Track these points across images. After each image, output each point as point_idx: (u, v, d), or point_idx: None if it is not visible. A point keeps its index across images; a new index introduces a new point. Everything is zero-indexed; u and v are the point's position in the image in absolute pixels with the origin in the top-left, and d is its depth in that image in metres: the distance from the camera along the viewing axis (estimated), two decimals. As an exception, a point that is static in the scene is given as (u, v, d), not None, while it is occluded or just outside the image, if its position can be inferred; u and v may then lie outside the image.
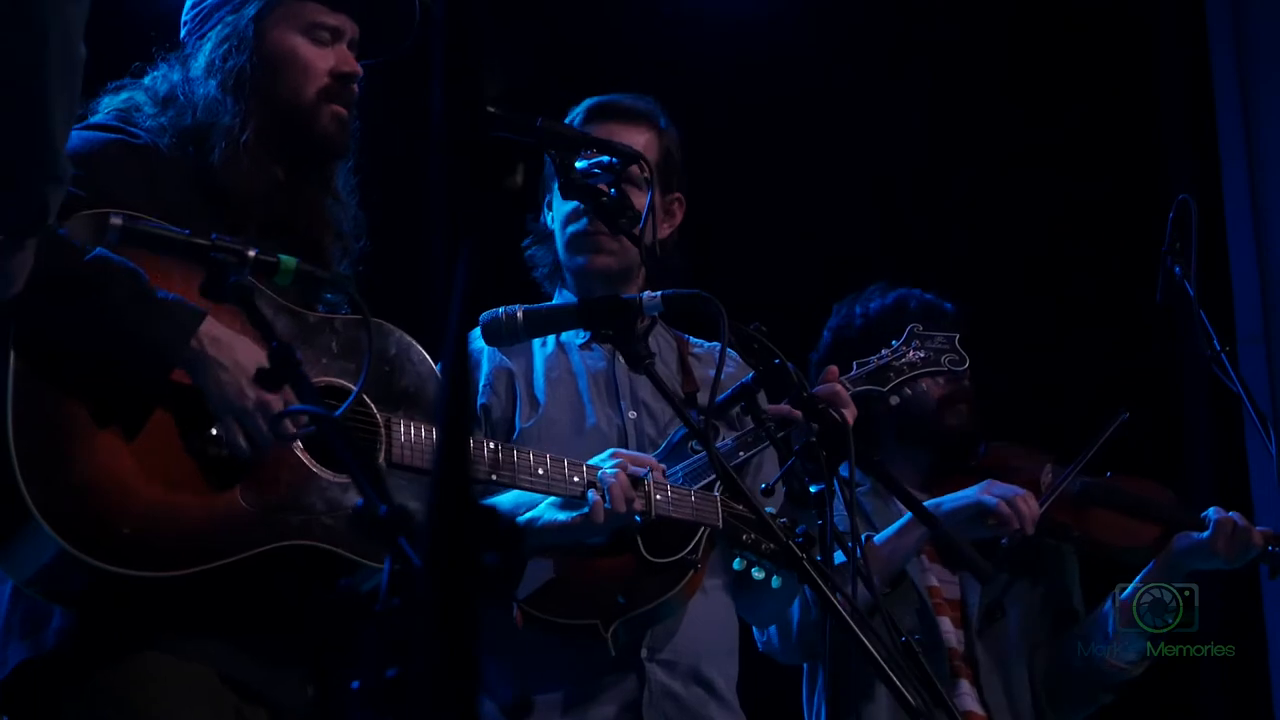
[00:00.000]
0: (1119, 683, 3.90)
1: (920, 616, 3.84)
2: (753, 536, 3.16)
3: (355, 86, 2.89)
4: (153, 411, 2.54)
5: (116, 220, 2.36)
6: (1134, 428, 3.98)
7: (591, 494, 3.01)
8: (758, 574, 3.19)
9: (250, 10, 2.85)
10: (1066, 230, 5.76)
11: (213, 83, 2.81)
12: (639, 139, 3.42)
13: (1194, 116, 5.71)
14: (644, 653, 3.24)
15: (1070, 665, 3.92)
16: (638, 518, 3.07)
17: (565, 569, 3.18)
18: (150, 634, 2.56)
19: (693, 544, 3.20)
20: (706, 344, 3.63)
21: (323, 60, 2.87)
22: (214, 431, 2.57)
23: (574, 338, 3.52)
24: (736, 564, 3.20)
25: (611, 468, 3.06)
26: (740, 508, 3.15)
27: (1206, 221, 4.22)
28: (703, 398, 3.39)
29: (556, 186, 3.35)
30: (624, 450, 3.19)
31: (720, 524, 3.17)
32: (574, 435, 3.32)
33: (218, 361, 2.52)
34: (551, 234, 3.53)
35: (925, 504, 3.69)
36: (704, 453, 3.22)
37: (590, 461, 3.11)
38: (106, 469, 2.49)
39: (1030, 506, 3.71)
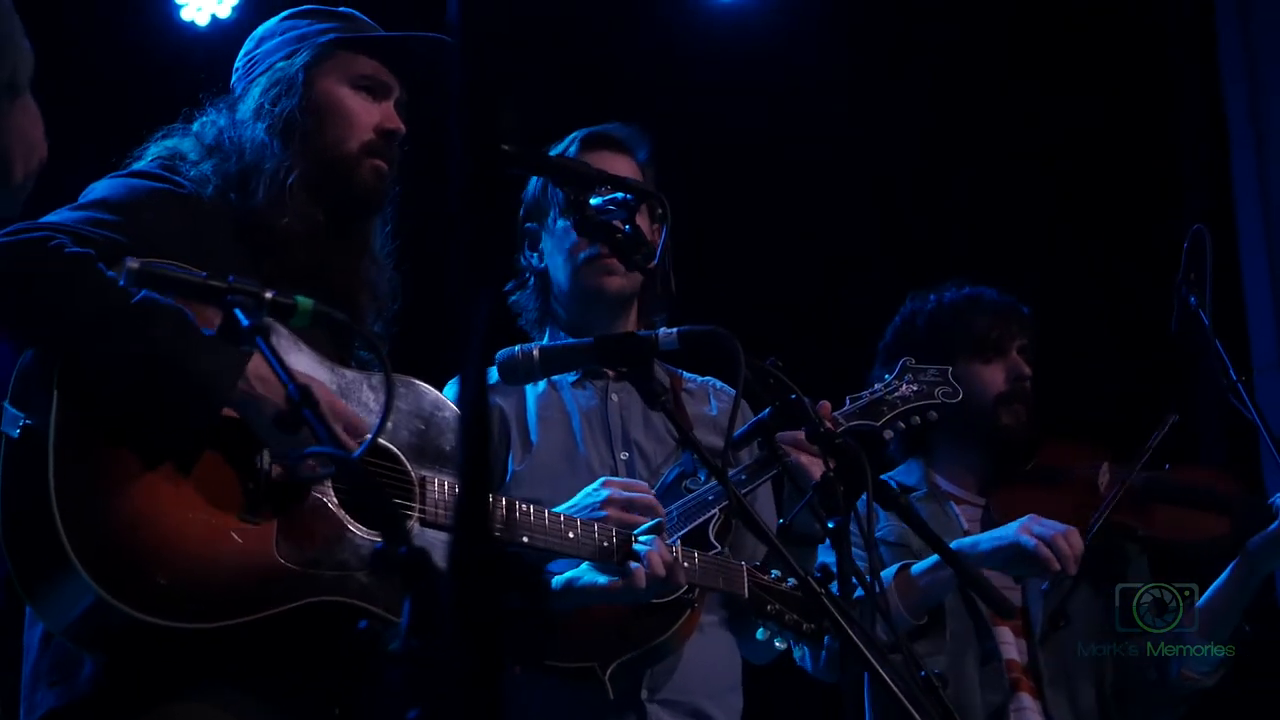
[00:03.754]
0: (1193, 693, 3.79)
1: (975, 629, 3.75)
2: (777, 607, 3.15)
3: (398, 145, 2.90)
4: (192, 462, 2.53)
5: (133, 264, 2.37)
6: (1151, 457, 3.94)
7: (633, 565, 2.99)
8: (779, 644, 3.19)
9: (302, 58, 2.88)
10: (1067, 231, 5.76)
11: (260, 126, 2.83)
12: (625, 167, 3.41)
13: (1208, 145, 5.71)
14: (644, 694, 3.21)
15: (1142, 676, 3.79)
16: None
17: (561, 612, 3.13)
18: (180, 685, 2.54)
19: None
20: (699, 379, 3.61)
21: (368, 114, 2.89)
22: (266, 458, 2.55)
23: (566, 376, 3.48)
24: (760, 634, 3.19)
25: (649, 541, 3.02)
26: (766, 578, 3.15)
27: (1221, 250, 4.20)
28: (699, 435, 3.37)
29: (555, 220, 3.36)
30: (615, 478, 3.17)
31: (746, 594, 3.15)
32: (567, 475, 3.28)
33: (268, 400, 2.49)
34: (542, 270, 3.50)
35: (962, 541, 3.65)
36: (698, 491, 3.22)
37: (583, 491, 3.09)
38: (145, 516, 2.47)
39: (1073, 544, 3.55)
